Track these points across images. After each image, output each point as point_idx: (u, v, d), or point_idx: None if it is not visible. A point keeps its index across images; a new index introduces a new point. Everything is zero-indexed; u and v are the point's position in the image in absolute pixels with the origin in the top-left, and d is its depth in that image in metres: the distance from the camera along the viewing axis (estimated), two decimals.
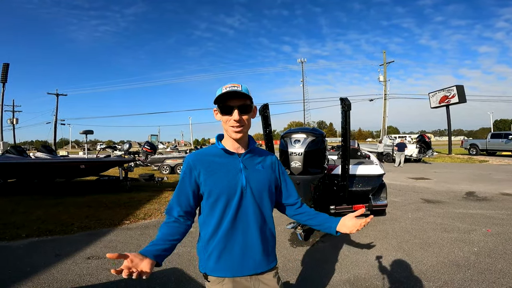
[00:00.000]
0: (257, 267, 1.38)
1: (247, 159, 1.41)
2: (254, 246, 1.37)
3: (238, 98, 1.33)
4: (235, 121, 1.32)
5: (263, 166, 1.45)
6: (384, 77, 31.21)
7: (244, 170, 1.38)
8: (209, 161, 1.37)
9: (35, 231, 4.76)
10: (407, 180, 10.63)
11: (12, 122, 34.42)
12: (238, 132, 1.34)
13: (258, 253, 1.38)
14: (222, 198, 1.33)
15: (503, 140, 20.92)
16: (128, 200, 7.22)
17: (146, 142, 16.37)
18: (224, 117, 1.35)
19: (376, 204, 4.90)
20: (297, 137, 3.79)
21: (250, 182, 1.37)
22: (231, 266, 1.34)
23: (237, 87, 1.32)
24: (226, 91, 1.31)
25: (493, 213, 5.73)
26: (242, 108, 1.33)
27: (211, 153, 1.41)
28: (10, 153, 9.03)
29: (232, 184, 1.35)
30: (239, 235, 1.35)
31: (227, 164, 1.38)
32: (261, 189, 1.40)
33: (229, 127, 1.34)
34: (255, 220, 1.37)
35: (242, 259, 1.36)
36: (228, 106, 1.32)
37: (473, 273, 3.21)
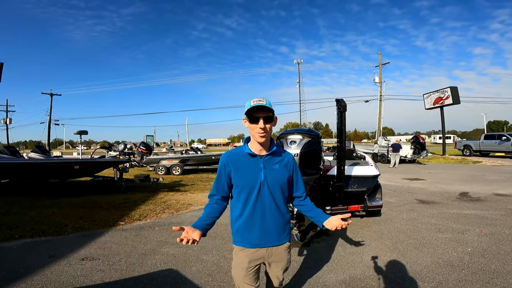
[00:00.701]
0: (270, 242, 1.82)
1: (267, 160, 1.80)
2: (268, 227, 1.79)
3: (263, 111, 1.70)
4: (260, 129, 1.69)
5: (280, 165, 1.82)
6: (379, 79, 31.36)
7: (264, 169, 1.77)
8: (238, 160, 1.79)
9: (29, 232, 4.70)
10: (402, 180, 10.70)
11: (6, 122, 34.08)
12: (262, 137, 1.72)
13: (271, 232, 1.81)
14: (245, 189, 1.76)
15: (496, 141, 21.14)
16: (123, 201, 7.17)
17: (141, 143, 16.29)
18: (251, 125, 1.72)
19: (371, 205, 4.93)
20: (293, 138, 3.79)
21: (267, 178, 1.77)
22: (250, 240, 1.80)
23: (263, 102, 1.71)
24: (255, 105, 1.69)
25: (487, 213, 5.78)
26: (266, 119, 1.70)
27: (240, 153, 1.81)
28: (3, 153, 8.93)
29: (253, 179, 1.75)
30: (258, 219, 1.78)
31: (251, 164, 1.78)
32: (275, 184, 1.78)
33: (256, 133, 1.71)
34: (269, 208, 1.78)
35: (259, 236, 1.79)
36: (255, 117, 1.70)
37: (467, 273, 3.24)
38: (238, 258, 1.85)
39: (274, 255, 1.85)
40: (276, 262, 1.88)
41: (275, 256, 1.86)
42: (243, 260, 1.82)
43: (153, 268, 3.45)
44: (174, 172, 14.38)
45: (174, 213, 6.19)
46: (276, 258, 1.87)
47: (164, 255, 3.84)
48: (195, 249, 4.04)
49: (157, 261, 3.65)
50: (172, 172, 14.41)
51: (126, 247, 4.12)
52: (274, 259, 1.87)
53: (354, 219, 5.48)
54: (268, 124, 1.71)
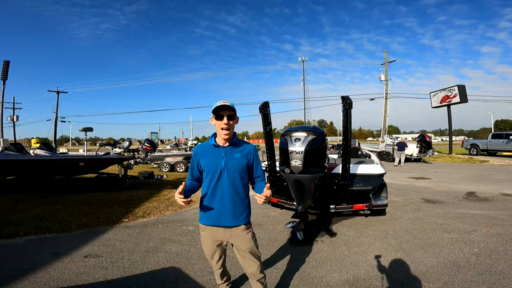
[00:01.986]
0: (227, 222, 2.15)
1: (228, 150, 2.16)
2: (226, 208, 2.13)
3: (227, 109, 2.07)
4: (224, 124, 2.06)
5: (241, 154, 2.17)
6: (385, 77, 31.09)
7: (225, 157, 2.13)
8: (205, 150, 2.20)
9: (33, 229, 4.73)
10: (408, 179, 10.60)
11: (13, 119, 34.37)
12: (226, 134, 2.09)
13: (229, 213, 2.14)
14: (209, 174, 2.14)
15: (504, 141, 20.85)
16: (127, 198, 7.19)
17: (146, 140, 16.33)
18: (217, 122, 2.08)
19: (376, 204, 4.87)
20: (298, 136, 3.74)
21: (228, 165, 2.12)
22: (211, 218, 2.16)
23: (227, 103, 2.05)
24: (219, 105, 2.05)
25: (494, 213, 5.69)
26: (229, 117, 2.07)
27: (207, 145, 2.21)
28: (9, 150, 8.99)
29: (216, 165, 2.12)
30: (217, 199, 2.13)
31: (214, 153, 2.16)
32: (235, 171, 2.13)
33: (220, 129, 2.08)
34: (228, 191, 2.12)
35: (218, 215, 2.14)
36: (221, 114, 2.06)
37: (473, 274, 3.18)
38: (203, 237, 2.26)
39: (233, 236, 2.18)
40: (238, 243, 2.20)
41: (234, 238, 2.18)
42: (207, 239, 2.23)
43: (155, 266, 3.44)
44: (178, 169, 14.41)
45: (177, 210, 6.18)
46: (237, 240, 2.19)
47: (167, 252, 3.83)
48: (198, 247, 4.02)
49: (160, 258, 3.64)
50: (176, 169, 14.44)
51: (129, 245, 4.12)
52: (235, 241, 2.20)
53: (359, 218, 5.43)
54: (231, 121, 2.07)
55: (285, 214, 5.70)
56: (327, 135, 4.21)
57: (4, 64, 29.00)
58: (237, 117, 2.16)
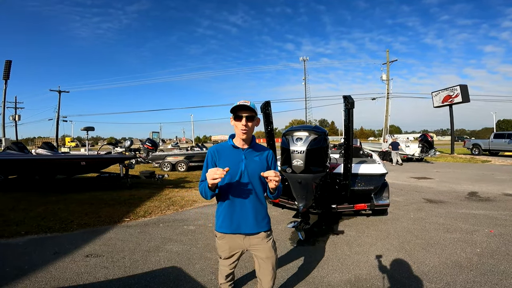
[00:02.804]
0: (248, 229, 2.00)
1: (248, 152, 2.02)
2: (248, 213, 1.99)
3: (247, 110, 1.93)
4: (243, 125, 1.92)
5: (260, 158, 2.05)
6: (387, 76, 30.98)
7: (245, 160, 1.99)
8: (223, 151, 2.02)
9: (35, 228, 4.74)
10: (409, 179, 10.57)
11: (15, 118, 34.48)
12: (244, 133, 1.95)
13: (250, 219, 1.99)
14: (227, 177, 1.90)
15: (506, 140, 20.78)
16: (129, 198, 7.20)
17: (147, 139, 16.34)
18: (236, 122, 1.95)
19: (378, 204, 4.85)
20: (299, 135, 3.72)
21: (248, 168, 1.98)
22: (231, 226, 1.99)
23: (247, 103, 1.91)
24: (238, 105, 1.91)
25: (496, 213, 5.67)
26: (249, 118, 1.94)
27: (225, 146, 2.04)
28: (11, 150, 9.01)
29: (236, 168, 1.95)
30: (237, 204, 1.98)
31: (233, 155, 2.00)
32: (255, 174, 1.97)
33: (239, 130, 1.94)
34: (248, 195, 1.98)
35: (239, 222, 1.99)
36: (239, 115, 1.93)
37: (475, 274, 3.17)
38: (220, 245, 2.07)
39: (253, 244, 2.04)
40: (258, 250, 2.06)
41: (255, 246, 2.04)
42: (224, 247, 2.06)
43: (156, 265, 3.44)
44: (180, 169, 14.41)
45: (178, 209, 6.18)
46: (257, 248, 2.05)
47: (168, 252, 3.83)
48: (199, 246, 4.02)
49: (161, 258, 3.64)
50: (178, 168, 14.45)
51: (130, 244, 4.12)
52: (255, 249, 2.05)
53: (360, 218, 5.41)
54: (250, 123, 1.94)
55: (286, 214, 5.69)
56: (329, 134, 4.20)
57: (6, 64, 29.13)
58: (257, 118, 2.03)
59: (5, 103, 30.59)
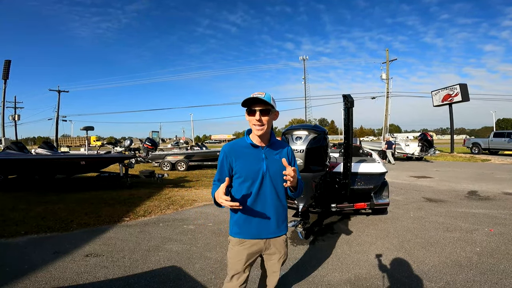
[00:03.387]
0: (270, 233, 1.84)
1: (268, 150, 1.81)
2: (270, 217, 1.81)
3: (261, 104, 1.71)
4: (257, 121, 1.70)
5: (280, 156, 1.82)
6: (386, 75, 30.98)
7: (265, 159, 1.79)
8: (240, 151, 1.81)
9: (34, 228, 4.73)
10: (409, 178, 10.57)
11: (14, 118, 34.46)
12: (259, 130, 1.73)
13: (271, 222, 1.82)
14: (248, 179, 1.76)
15: (505, 139, 20.81)
16: (128, 197, 7.20)
17: (147, 139, 16.33)
18: (249, 118, 1.75)
19: (378, 203, 4.85)
20: (299, 134, 3.73)
21: (269, 168, 1.78)
22: (250, 231, 1.81)
23: (262, 95, 1.71)
24: (251, 98, 1.71)
25: (496, 212, 5.67)
26: (263, 112, 1.71)
27: (241, 145, 1.83)
28: (11, 149, 9.01)
29: (256, 169, 1.77)
30: (259, 209, 1.79)
31: (253, 154, 1.79)
32: (277, 174, 1.78)
33: (253, 126, 1.74)
34: (271, 198, 1.80)
35: (259, 226, 1.81)
36: (253, 109, 1.72)
37: (475, 274, 3.17)
38: (236, 252, 1.84)
39: (271, 247, 1.87)
40: (274, 254, 1.90)
41: (272, 248, 1.88)
42: (241, 255, 1.83)
43: (156, 265, 3.44)
44: (179, 168, 14.41)
45: (178, 209, 6.18)
46: (273, 250, 1.88)
47: (168, 251, 3.83)
48: (199, 246, 4.02)
49: (161, 258, 3.64)
50: (177, 168, 14.44)
51: (130, 244, 4.12)
52: (272, 251, 1.89)
53: (360, 217, 5.41)
54: (265, 117, 1.72)
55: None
56: (328, 133, 4.20)
57: (5, 64, 29.10)
58: (276, 111, 1.83)
59: (5, 103, 30.57)
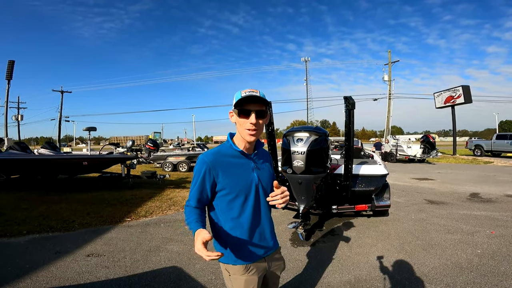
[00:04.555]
0: (270, 249, 1.62)
1: (256, 159, 1.57)
2: (267, 232, 1.60)
3: (256, 103, 1.43)
4: (251, 124, 1.42)
5: (265, 164, 1.63)
6: (389, 77, 30.98)
7: (256, 169, 1.55)
8: (226, 161, 1.48)
9: (36, 228, 4.76)
10: (411, 180, 10.55)
11: (17, 118, 34.61)
12: (253, 135, 1.45)
13: (269, 237, 1.62)
14: (241, 195, 1.48)
15: (508, 141, 20.70)
16: (130, 197, 7.22)
17: (149, 140, 16.40)
18: (241, 120, 1.44)
19: (379, 205, 4.85)
20: (300, 136, 3.74)
21: (261, 179, 1.55)
22: (253, 252, 1.53)
23: (256, 93, 1.43)
24: (246, 95, 1.42)
25: (498, 215, 5.65)
26: (259, 113, 1.44)
27: (227, 154, 1.51)
28: (14, 149, 9.06)
29: (248, 182, 1.51)
30: (257, 225, 1.55)
31: (242, 165, 1.52)
32: (268, 184, 1.57)
33: (245, 130, 1.44)
34: (265, 211, 1.59)
35: (260, 244, 1.56)
36: (246, 109, 1.43)
37: (476, 276, 3.16)
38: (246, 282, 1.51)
39: (274, 264, 1.68)
40: (278, 269, 1.73)
41: (274, 264, 1.68)
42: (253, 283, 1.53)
43: (157, 265, 3.45)
44: (181, 169, 14.43)
45: (179, 210, 6.20)
46: (275, 266, 1.70)
47: (169, 252, 3.84)
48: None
49: (162, 258, 3.65)
50: (179, 168, 14.46)
51: (131, 244, 4.14)
52: (275, 268, 1.71)
53: (361, 219, 5.41)
54: (261, 120, 1.45)
55: (287, 215, 5.70)
56: (330, 135, 4.21)
57: (9, 64, 29.23)
58: (268, 113, 1.52)
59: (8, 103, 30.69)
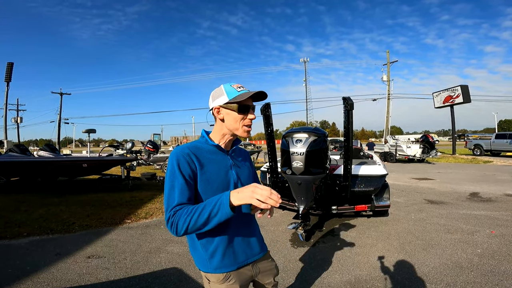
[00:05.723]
0: (255, 255, 1.47)
1: (234, 156, 1.47)
2: (251, 235, 1.47)
3: (250, 98, 1.38)
4: (250, 120, 1.38)
5: (244, 161, 1.54)
6: (387, 77, 31.05)
7: (234, 166, 1.44)
8: (203, 158, 1.35)
9: (37, 230, 4.76)
10: (410, 180, 10.55)
11: (17, 121, 34.61)
12: (249, 132, 1.39)
13: (254, 241, 1.48)
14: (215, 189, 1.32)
15: (507, 141, 20.73)
16: (130, 199, 7.22)
17: (148, 141, 16.41)
18: (239, 116, 1.36)
19: (379, 205, 4.86)
20: (299, 137, 3.75)
21: (240, 177, 1.44)
22: (236, 258, 1.39)
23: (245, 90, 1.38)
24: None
25: (497, 214, 5.66)
26: (253, 109, 1.42)
27: (204, 149, 1.38)
28: (13, 152, 9.06)
29: (227, 180, 1.37)
30: (239, 228, 1.41)
31: (219, 162, 1.39)
32: (248, 182, 1.37)
33: (243, 126, 1.37)
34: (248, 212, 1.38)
35: (245, 249, 1.43)
36: (247, 105, 1.37)
37: (476, 275, 3.17)
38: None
39: (263, 270, 1.52)
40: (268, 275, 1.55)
41: (263, 271, 1.52)
42: None
43: (157, 266, 3.46)
44: None
45: None
46: (265, 272, 1.54)
47: (169, 253, 3.85)
48: None
49: (162, 259, 3.66)
50: None
51: (132, 245, 4.14)
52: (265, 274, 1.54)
53: (361, 219, 5.42)
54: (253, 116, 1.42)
55: (287, 215, 5.70)
56: (329, 136, 4.22)
57: (8, 66, 29.26)
58: None
59: (7, 105, 30.70)
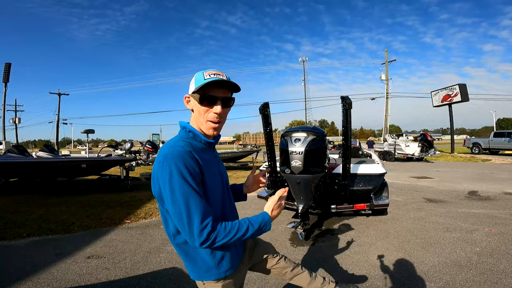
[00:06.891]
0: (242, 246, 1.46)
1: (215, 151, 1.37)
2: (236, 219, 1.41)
3: (223, 89, 1.19)
4: (215, 115, 1.18)
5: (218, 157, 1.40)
6: (386, 76, 31.08)
7: (220, 162, 1.37)
8: (203, 159, 1.18)
9: (36, 230, 4.76)
10: (409, 179, 10.58)
11: (15, 121, 34.53)
12: (215, 129, 1.22)
13: None
14: (218, 199, 1.25)
15: (506, 139, 20.84)
16: (129, 199, 7.22)
17: (147, 141, 16.39)
18: (203, 108, 1.18)
19: (378, 204, 4.87)
20: (298, 136, 3.76)
21: (223, 173, 1.34)
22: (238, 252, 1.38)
23: (222, 76, 1.18)
24: (214, 79, 1.14)
25: (496, 212, 5.68)
26: (225, 101, 1.20)
27: (198, 148, 1.20)
28: (12, 153, 9.05)
29: (219, 180, 1.28)
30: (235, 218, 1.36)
31: (212, 160, 1.26)
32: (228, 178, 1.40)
33: (207, 121, 1.19)
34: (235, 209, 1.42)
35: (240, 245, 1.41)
36: (211, 96, 1.16)
37: (475, 274, 3.18)
38: None
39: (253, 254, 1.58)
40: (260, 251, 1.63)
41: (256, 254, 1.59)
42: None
43: (157, 266, 3.46)
44: None
45: None
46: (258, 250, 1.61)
47: (169, 253, 3.85)
48: None
49: (162, 259, 3.66)
50: None
51: (131, 245, 4.14)
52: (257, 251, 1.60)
53: (360, 218, 5.43)
54: (226, 109, 1.22)
55: (286, 215, 5.71)
56: (328, 135, 4.24)
57: (6, 67, 29.17)
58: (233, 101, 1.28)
59: (5, 106, 30.63)
